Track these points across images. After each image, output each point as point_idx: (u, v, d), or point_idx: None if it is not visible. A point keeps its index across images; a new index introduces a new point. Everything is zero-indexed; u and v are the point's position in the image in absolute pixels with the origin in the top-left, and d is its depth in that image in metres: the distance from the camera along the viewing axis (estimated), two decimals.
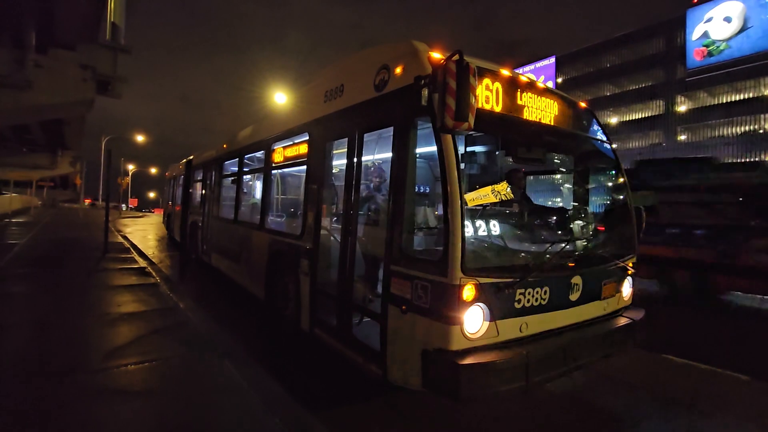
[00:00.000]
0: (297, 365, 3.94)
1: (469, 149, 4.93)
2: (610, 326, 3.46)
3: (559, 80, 43.99)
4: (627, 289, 3.84)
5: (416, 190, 3.07)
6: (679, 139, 36.60)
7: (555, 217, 3.96)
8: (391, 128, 3.18)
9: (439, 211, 2.87)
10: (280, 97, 20.82)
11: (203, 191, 8.93)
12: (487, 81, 3.11)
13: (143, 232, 18.87)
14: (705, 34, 33.45)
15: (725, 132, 34.45)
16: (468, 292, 2.61)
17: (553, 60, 41.87)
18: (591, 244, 3.71)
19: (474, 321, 2.65)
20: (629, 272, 3.83)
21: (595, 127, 4.05)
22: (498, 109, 3.17)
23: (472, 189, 5.02)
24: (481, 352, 2.65)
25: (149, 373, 3.22)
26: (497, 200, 3.36)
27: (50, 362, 3.30)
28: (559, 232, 3.75)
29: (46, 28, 11.30)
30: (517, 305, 2.85)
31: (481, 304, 2.67)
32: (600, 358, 3.42)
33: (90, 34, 12.46)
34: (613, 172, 4.17)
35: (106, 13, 12.80)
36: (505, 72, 3.31)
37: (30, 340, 3.81)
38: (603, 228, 4.01)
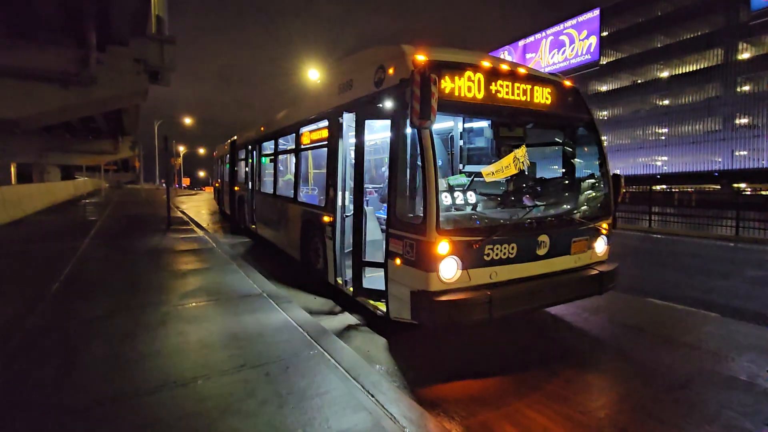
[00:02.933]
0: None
1: (466, 126, 5.63)
2: (577, 276, 4.13)
3: (605, 33, 41.22)
4: (601, 246, 4.44)
5: (408, 169, 3.80)
6: (740, 90, 33.67)
7: (535, 185, 4.57)
8: (389, 117, 3.92)
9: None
10: (313, 74, 21.54)
11: (246, 169, 10.09)
12: (468, 73, 3.76)
13: (197, 207, 20.85)
14: None
15: None
16: (442, 247, 3.40)
17: (597, 12, 39.12)
18: (562, 208, 4.32)
19: (448, 269, 3.45)
20: (603, 232, 4.42)
21: (576, 103, 4.53)
22: (479, 96, 3.82)
23: (470, 162, 5.74)
24: (454, 292, 3.46)
25: (214, 308, 4.37)
26: (517, 171, 4.07)
27: (144, 300, 4.51)
28: (534, 198, 4.38)
29: (103, 27, 12.62)
30: (486, 258, 3.60)
31: (454, 256, 3.45)
32: (566, 300, 4.17)
33: (139, 29, 13.71)
34: (593, 144, 4.67)
35: (150, 8, 13.98)
36: (485, 63, 3.92)
37: (123, 290, 5.05)
38: (578, 194, 4.59)
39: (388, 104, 3.88)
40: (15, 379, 2.94)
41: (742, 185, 31.88)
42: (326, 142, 5.25)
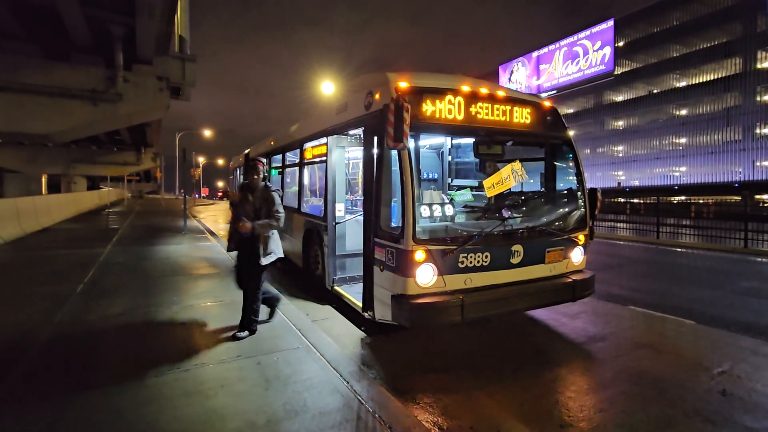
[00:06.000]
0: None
1: (454, 142, 6.06)
2: (551, 284, 4.47)
3: (620, 44, 41.16)
4: (577, 256, 4.77)
5: (390, 184, 4.23)
6: (759, 100, 33.10)
7: (514, 198, 4.95)
8: (375, 137, 4.38)
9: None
10: (327, 87, 22.24)
11: None
12: (449, 96, 4.21)
13: (213, 216, 21.70)
14: None
15: None
16: (419, 255, 3.81)
17: (611, 23, 39.16)
18: (538, 220, 4.68)
19: (424, 275, 3.85)
20: (579, 243, 4.76)
21: (554, 121, 4.91)
22: (459, 117, 4.25)
23: (458, 176, 6.15)
24: (430, 296, 3.85)
25: (220, 308, 4.85)
26: (515, 183, 4.49)
27: (159, 301, 5.02)
28: (512, 211, 4.74)
29: (130, 48, 13.59)
30: (460, 265, 3.99)
31: (430, 264, 3.85)
32: (539, 305, 4.51)
33: (163, 48, 14.66)
34: (570, 160, 5.02)
35: (174, 29, 14.94)
36: (465, 87, 4.35)
37: (139, 292, 5.60)
38: (555, 207, 4.93)
39: (375, 125, 4.33)
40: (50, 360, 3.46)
41: (766, 196, 31.11)
42: (325, 158, 5.74)
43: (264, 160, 4.42)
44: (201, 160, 63.65)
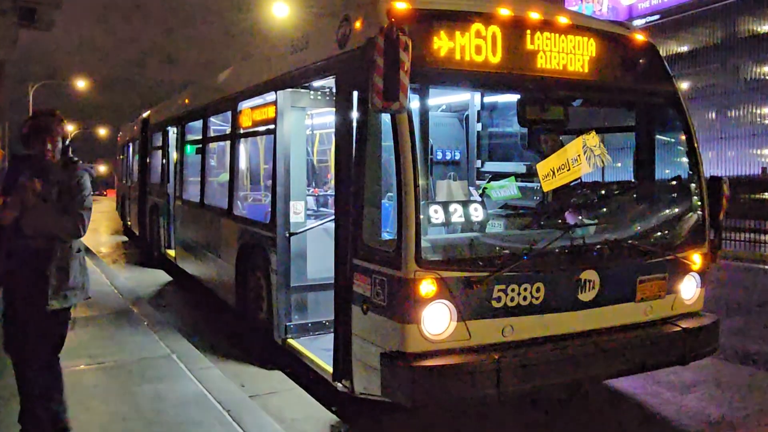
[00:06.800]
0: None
1: (487, 101, 6.05)
2: (644, 336, 4.43)
3: None
4: (690, 289, 4.72)
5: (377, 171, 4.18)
6: None
7: (584, 193, 4.93)
8: (355, 92, 4.31)
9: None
10: (282, 9, 22.29)
11: (164, 163, 10.71)
12: (477, 26, 4.16)
13: (92, 223, 21.21)
14: None
15: None
16: (426, 286, 3.74)
17: None
18: (624, 230, 4.65)
19: (436, 320, 3.78)
20: (693, 267, 4.71)
21: (650, 65, 4.87)
22: (494, 60, 4.20)
23: (492, 157, 6.15)
24: (444, 355, 3.80)
25: (94, 375, 4.83)
26: (589, 169, 4.41)
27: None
28: (581, 214, 4.71)
29: None
30: (495, 304, 3.94)
31: (444, 301, 3.79)
32: (628, 372, 4.48)
33: None
34: (677, 131, 5.02)
35: None
36: (503, 11, 4.30)
37: None
38: (652, 207, 4.92)
39: (354, 73, 4.26)
40: None
41: None
42: (273, 126, 5.68)
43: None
44: (71, 129, 63.35)
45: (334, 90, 4.72)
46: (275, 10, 21.20)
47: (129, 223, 15.59)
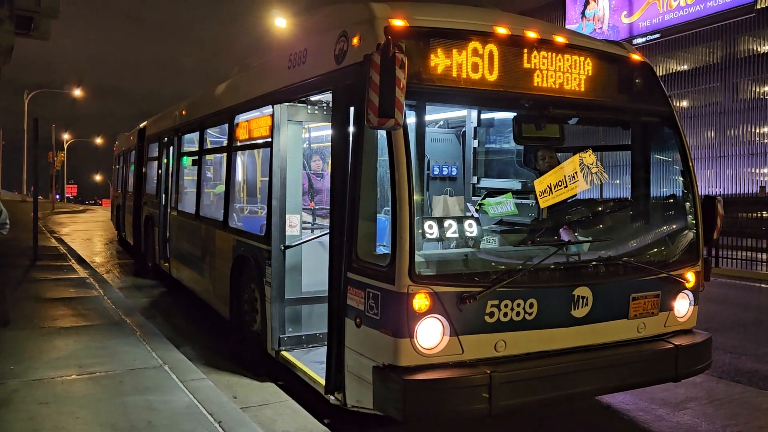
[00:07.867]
0: None
1: (484, 117, 6.11)
2: (637, 352, 4.46)
3: None
4: (683, 307, 4.77)
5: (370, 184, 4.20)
6: None
7: (578, 210, 4.97)
8: (351, 108, 4.36)
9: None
10: (283, 23, 22.48)
11: (160, 174, 10.68)
12: (474, 44, 4.20)
13: (86, 233, 21.65)
14: None
15: None
16: (420, 301, 3.77)
17: None
18: (617, 247, 4.69)
19: (429, 334, 3.80)
20: (686, 285, 4.76)
21: (646, 84, 4.91)
22: (491, 77, 4.24)
23: (490, 173, 6.20)
24: (437, 370, 3.81)
25: (84, 385, 4.80)
26: (585, 186, 4.44)
27: None
28: (575, 230, 4.75)
29: None
30: (489, 319, 3.96)
31: (438, 315, 3.81)
32: (620, 388, 4.51)
33: None
34: (671, 150, 5.07)
35: None
36: (501, 29, 4.35)
37: None
38: (646, 225, 4.96)
39: (350, 89, 4.30)
40: None
41: None
42: (269, 139, 5.72)
43: None
44: (66, 137, 63.23)
45: (330, 105, 4.76)
46: (277, 24, 21.37)
47: (124, 233, 15.57)
